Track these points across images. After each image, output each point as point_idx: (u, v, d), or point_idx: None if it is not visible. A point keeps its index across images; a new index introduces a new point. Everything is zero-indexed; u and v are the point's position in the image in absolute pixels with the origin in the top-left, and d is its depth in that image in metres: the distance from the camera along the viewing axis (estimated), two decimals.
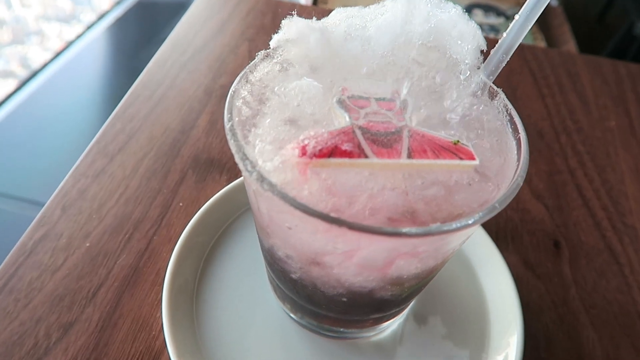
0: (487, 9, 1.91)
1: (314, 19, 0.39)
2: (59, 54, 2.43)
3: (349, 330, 0.49)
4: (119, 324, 0.49)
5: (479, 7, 1.92)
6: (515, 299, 0.51)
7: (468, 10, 1.88)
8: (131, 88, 0.76)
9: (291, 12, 0.40)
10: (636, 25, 2.21)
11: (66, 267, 0.53)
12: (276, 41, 0.40)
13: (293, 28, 0.39)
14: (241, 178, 0.60)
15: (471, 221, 0.31)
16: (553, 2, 1.94)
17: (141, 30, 2.71)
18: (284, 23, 0.39)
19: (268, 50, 0.40)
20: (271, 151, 0.33)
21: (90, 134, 0.69)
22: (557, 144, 0.78)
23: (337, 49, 0.39)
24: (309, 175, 0.31)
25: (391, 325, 0.50)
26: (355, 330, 0.49)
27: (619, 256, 0.63)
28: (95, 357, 0.47)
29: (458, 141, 0.35)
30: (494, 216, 0.32)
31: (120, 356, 0.47)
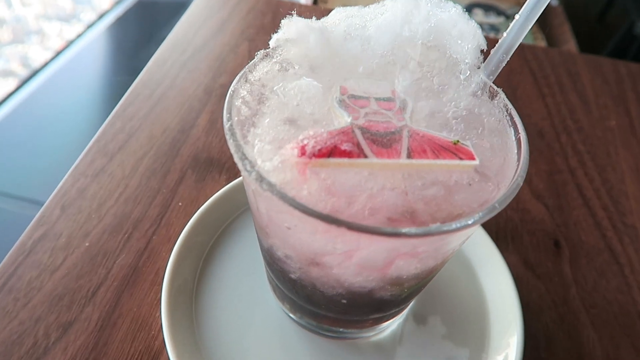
0: (487, 8, 1.91)
1: (314, 19, 0.39)
2: (59, 53, 2.43)
3: (348, 330, 0.49)
4: (118, 323, 0.49)
5: (479, 7, 1.91)
6: (515, 298, 0.51)
7: (468, 10, 1.88)
8: (131, 87, 0.76)
9: (291, 12, 0.39)
10: (636, 25, 2.21)
11: (65, 267, 0.53)
12: (276, 41, 0.40)
13: (293, 28, 0.39)
14: (241, 178, 0.59)
15: (471, 221, 0.31)
16: (553, 1, 1.94)
17: (141, 29, 2.70)
18: (283, 23, 0.39)
19: (267, 50, 0.40)
20: (270, 151, 0.33)
21: (91, 133, 0.69)
22: (558, 143, 0.78)
23: (337, 48, 0.39)
24: (308, 175, 0.31)
25: (391, 326, 0.50)
26: (354, 330, 0.49)
27: (619, 256, 0.63)
28: (95, 357, 0.47)
29: (458, 141, 0.35)
30: (494, 216, 0.32)
31: (119, 356, 0.47)
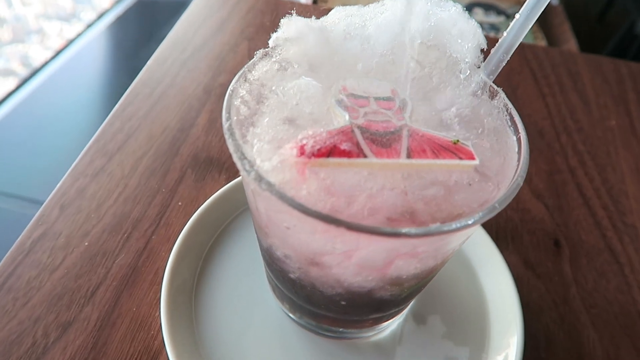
0: (487, 7, 1.91)
1: (313, 18, 0.39)
2: (59, 53, 2.43)
3: (348, 330, 0.48)
4: (118, 323, 0.49)
5: (479, 6, 1.91)
6: (515, 298, 0.51)
7: (468, 9, 1.88)
8: (130, 86, 0.76)
9: (290, 11, 0.39)
10: (637, 24, 2.21)
11: (64, 267, 0.53)
12: (275, 40, 0.39)
13: (292, 27, 0.39)
14: (240, 177, 0.59)
15: (471, 221, 0.31)
16: (554, 1, 1.94)
17: (141, 28, 2.70)
18: (283, 22, 0.39)
19: (267, 49, 0.40)
20: (269, 150, 0.32)
21: (91, 132, 0.68)
22: (558, 143, 0.78)
23: (336, 47, 0.39)
24: (307, 175, 0.31)
25: (390, 325, 0.50)
26: (354, 330, 0.49)
27: (619, 255, 0.63)
28: (94, 357, 0.47)
29: (458, 141, 0.35)
30: (494, 216, 0.32)
31: (118, 356, 0.47)
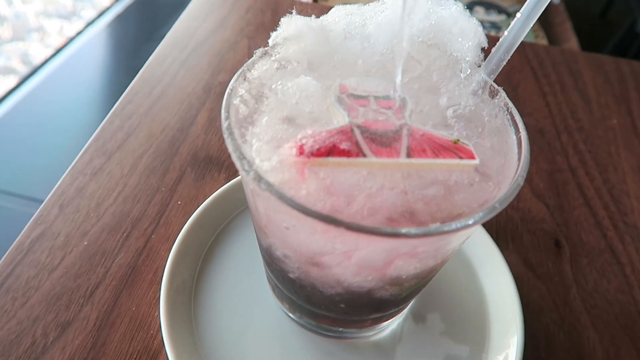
0: (488, 6, 1.91)
1: (313, 17, 0.38)
2: (59, 51, 2.43)
3: (347, 330, 0.48)
4: (117, 323, 0.49)
5: (480, 5, 1.91)
6: (515, 298, 0.51)
7: (469, 8, 1.88)
8: (130, 85, 0.76)
9: (290, 10, 0.39)
10: (638, 23, 2.20)
11: (63, 266, 0.53)
12: (274, 39, 0.39)
13: (292, 26, 0.39)
14: (240, 176, 0.59)
15: (471, 221, 0.31)
16: None
17: (141, 26, 2.70)
18: (283, 21, 0.39)
19: (266, 48, 0.40)
20: (268, 150, 0.32)
21: (91, 130, 0.68)
22: (558, 142, 0.78)
23: (336, 46, 0.39)
24: (306, 174, 0.31)
25: (390, 325, 0.50)
26: (354, 330, 0.49)
27: (620, 256, 0.62)
28: (93, 357, 0.47)
29: (458, 140, 0.35)
30: (494, 215, 0.32)
31: (118, 355, 0.47)
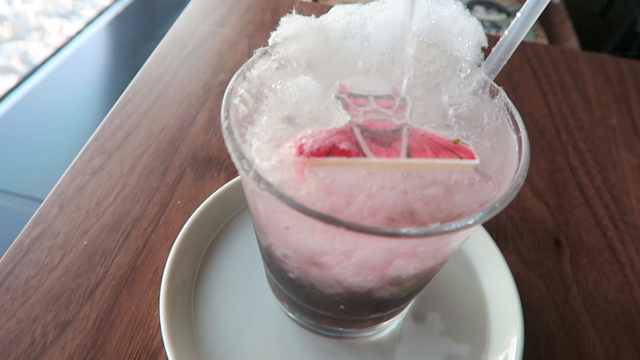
0: (488, 5, 1.91)
1: (313, 16, 0.38)
2: (59, 50, 2.43)
3: (347, 329, 0.48)
4: (117, 322, 0.49)
5: (480, 4, 1.91)
6: (515, 298, 0.51)
7: (469, 7, 1.88)
8: (130, 84, 0.76)
9: (290, 9, 0.39)
10: (638, 22, 2.20)
11: (63, 266, 0.53)
12: (274, 38, 0.39)
13: (292, 25, 0.39)
14: (239, 176, 0.59)
15: (471, 221, 0.31)
16: None
17: (141, 26, 2.70)
18: (282, 20, 0.39)
19: (266, 48, 0.40)
20: (268, 150, 0.32)
21: (90, 130, 0.68)
22: (559, 141, 0.77)
23: (336, 46, 0.38)
24: (306, 174, 0.31)
25: (390, 325, 0.50)
26: (354, 330, 0.49)
27: (620, 255, 0.62)
28: (93, 356, 0.47)
29: (458, 140, 0.35)
30: (494, 215, 0.32)
31: (117, 355, 0.47)
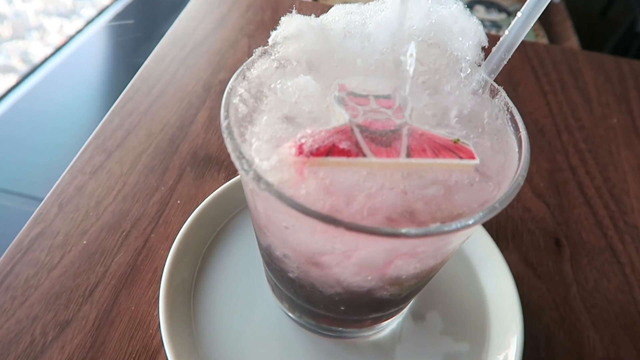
0: (488, 5, 1.90)
1: (313, 16, 0.38)
2: (59, 49, 2.43)
3: (347, 329, 0.48)
4: (116, 322, 0.49)
5: (480, 3, 1.91)
6: (515, 298, 0.51)
7: (469, 6, 1.88)
8: (130, 83, 0.76)
9: (290, 9, 0.39)
10: (639, 22, 2.20)
11: (63, 265, 0.53)
12: (274, 38, 0.39)
13: (292, 25, 0.38)
14: (239, 175, 0.59)
15: (471, 221, 0.31)
16: None
17: (141, 25, 2.70)
18: (283, 20, 0.39)
19: (266, 47, 0.40)
20: (268, 150, 0.32)
21: (91, 129, 0.68)
22: (559, 141, 0.77)
23: (336, 46, 0.38)
24: (306, 174, 0.31)
25: (390, 325, 0.50)
26: (353, 329, 0.48)
27: (620, 255, 0.62)
28: (92, 356, 0.47)
29: (458, 140, 0.35)
30: (494, 215, 0.32)
31: (117, 355, 0.47)
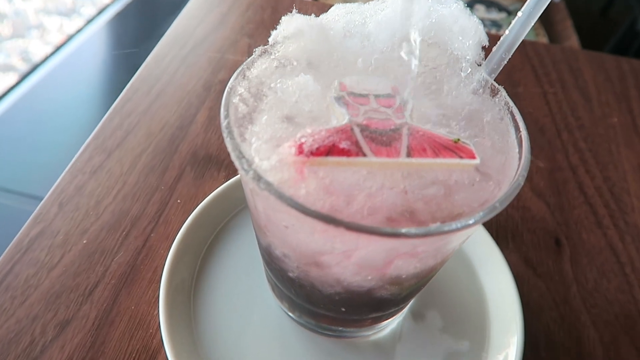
0: (489, 4, 1.90)
1: (313, 16, 0.38)
2: (59, 48, 2.43)
3: (347, 329, 0.48)
4: (116, 322, 0.49)
5: (480, 3, 1.90)
6: (515, 297, 0.51)
7: (470, 6, 1.87)
8: (129, 83, 0.76)
9: (290, 8, 0.39)
10: (639, 21, 2.20)
11: (63, 265, 0.53)
12: (275, 37, 0.39)
13: (292, 24, 0.38)
14: (239, 175, 0.59)
15: (472, 221, 0.31)
16: None
17: (141, 24, 2.70)
18: (283, 19, 0.39)
19: (266, 47, 0.40)
20: (268, 149, 0.32)
21: (91, 128, 0.68)
22: (559, 140, 0.77)
23: (336, 45, 0.38)
24: (306, 174, 0.31)
25: (390, 324, 0.50)
26: (353, 329, 0.48)
27: (620, 255, 0.62)
28: (92, 355, 0.47)
29: (458, 139, 0.35)
30: (494, 215, 0.32)
31: (117, 354, 0.47)
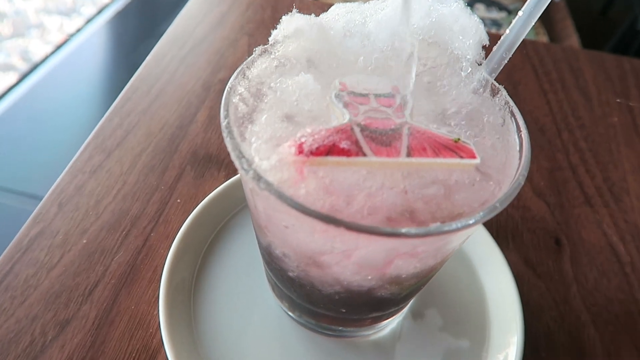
0: (489, 3, 1.90)
1: (313, 15, 0.38)
2: (59, 48, 2.43)
3: (347, 328, 0.48)
4: (116, 321, 0.49)
5: (481, 2, 1.90)
6: (515, 297, 0.51)
7: (470, 5, 1.87)
8: (129, 82, 0.76)
9: (290, 7, 0.39)
10: (639, 20, 2.20)
11: (62, 264, 0.53)
12: (275, 37, 0.39)
13: (292, 24, 0.38)
14: (239, 174, 0.59)
15: (472, 221, 0.30)
16: None
17: (141, 23, 2.70)
18: (283, 19, 0.39)
19: (266, 46, 0.39)
20: (268, 149, 0.32)
21: (90, 127, 0.68)
22: (559, 140, 0.77)
23: (336, 45, 0.38)
24: (306, 173, 0.30)
25: (390, 324, 0.50)
26: (353, 328, 0.48)
27: (620, 254, 0.62)
28: (92, 355, 0.47)
29: (459, 139, 0.35)
30: (494, 215, 0.32)
31: (117, 354, 0.47)
